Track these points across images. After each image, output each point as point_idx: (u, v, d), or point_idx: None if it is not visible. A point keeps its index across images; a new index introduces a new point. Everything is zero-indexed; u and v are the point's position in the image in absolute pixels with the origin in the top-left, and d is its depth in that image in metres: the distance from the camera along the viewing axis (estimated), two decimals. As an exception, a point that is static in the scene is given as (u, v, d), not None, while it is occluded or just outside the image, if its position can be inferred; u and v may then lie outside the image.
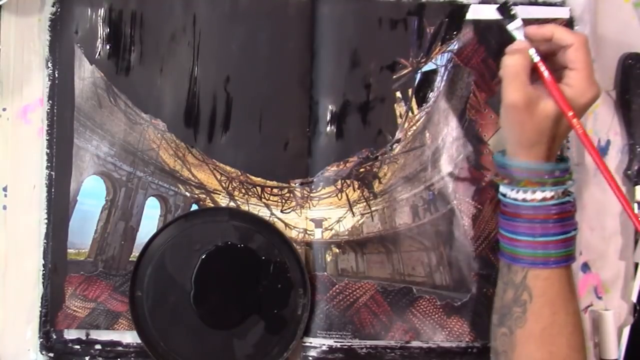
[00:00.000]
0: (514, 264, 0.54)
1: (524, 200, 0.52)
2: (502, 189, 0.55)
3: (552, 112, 0.51)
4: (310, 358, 0.62)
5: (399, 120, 0.63)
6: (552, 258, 0.52)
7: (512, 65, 0.52)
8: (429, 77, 0.63)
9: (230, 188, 0.63)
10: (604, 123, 0.65)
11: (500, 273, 0.56)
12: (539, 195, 0.52)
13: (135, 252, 0.62)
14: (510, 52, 0.53)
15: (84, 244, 0.62)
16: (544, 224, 0.52)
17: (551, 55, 0.54)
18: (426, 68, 0.63)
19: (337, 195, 0.63)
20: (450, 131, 0.63)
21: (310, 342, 0.62)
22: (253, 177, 0.63)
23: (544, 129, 0.51)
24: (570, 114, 0.50)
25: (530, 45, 0.53)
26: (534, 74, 0.52)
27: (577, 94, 0.51)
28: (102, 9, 0.62)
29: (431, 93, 0.63)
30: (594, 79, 0.52)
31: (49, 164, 0.62)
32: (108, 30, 0.62)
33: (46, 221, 0.62)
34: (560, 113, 0.51)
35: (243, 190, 0.63)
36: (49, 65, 0.62)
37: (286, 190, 0.63)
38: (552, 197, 0.52)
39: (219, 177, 0.63)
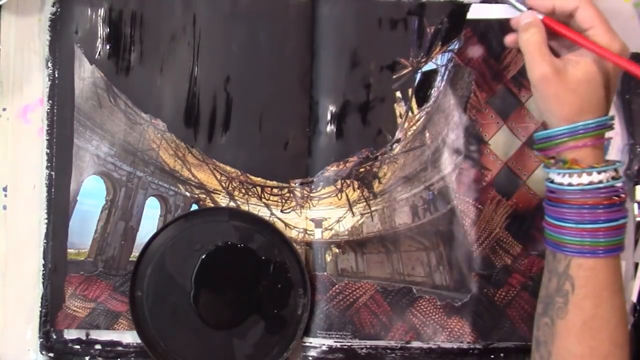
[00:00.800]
0: (558, 252, 0.51)
1: (570, 184, 0.50)
2: (549, 174, 0.52)
3: (584, 74, 0.49)
4: (310, 358, 0.62)
5: (399, 120, 0.63)
6: (601, 247, 0.49)
7: (531, 39, 0.51)
8: (429, 77, 0.63)
9: (230, 188, 0.63)
10: (604, 123, 0.65)
11: (546, 261, 0.53)
12: (585, 178, 0.49)
13: (135, 252, 0.62)
14: (524, 28, 0.52)
15: (84, 244, 0.62)
16: (593, 210, 0.49)
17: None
18: (426, 68, 0.63)
19: (337, 195, 0.63)
20: (450, 131, 0.63)
21: (310, 342, 0.62)
22: (253, 177, 0.63)
23: (582, 94, 0.49)
24: (611, 53, 0.48)
25: (540, 15, 0.52)
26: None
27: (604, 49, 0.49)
28: (102, 9, 0.62)
29: (431, 93, 0.63)
30: (614, 32, 0.49)
31: (49, 164, 0.62)
32: (108, 30, 0.62)
33: (46, 221, 0.62)
34: (591, 73, 0.49)
35: (243, 190, 0.63)
36: (49, 65, 0.62)
37: (286, 190, 0.63)
38: (600, 181, 0.49)
39: (219, 177, 0.63)
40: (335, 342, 0.62)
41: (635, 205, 0.64)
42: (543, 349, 0.52)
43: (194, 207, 0.63)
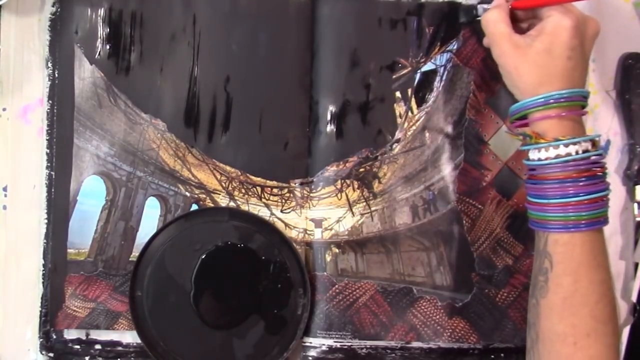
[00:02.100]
0: (540, 230, 0.51)
1: (540, 159, 0.50)
2: (528, 152, 0.52)
3: (543, 45, 0.50)
4: (310, 358, 0.62)
5: (399, 120, 0.63)
6: (584, 220, 0.49)
7: (490, 18, 0.53)
8: (428, 77, 0.63)
9: (230, 188, 0.63)
10: (603, 123, 0.65)
11: (535, 243, 0.53)
12: (552, 152, 0.49)
13: (135, 252, 0.62)
14: (486, 12, 0.54)
15: (84, 244, 0.62)
16: (575, 182, 0.49)
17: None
18: (426, 68, 0.63)
19: (337, 195, 0.63)
20: (450, 131, 0.63)
21: (310, 342, 0.62)
22: (253, 177, 0.63)
23: (541, 66, 0.50)
24: None
25: (504, 1, 0.54)
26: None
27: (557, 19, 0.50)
28: (102, 9, 0.62)
29: (431, 93, 0.63)
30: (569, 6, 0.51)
31: (49, 164, 0.62)
32: (108, 30, 0.63)
33: (46, 221, 0.62)
34: (551, 44, 0.50)
35: (243, 190, 0.63)
36: (49, 65, 0.62)
37: (286, 190, 0.63)
38: (568, 154, 0.49)
39: (219, 177, 0.63)
40: (335, 342, 0.62)
41: (635, 205, 0.64)
42: (532, 331, 0.52)
43: (194, 207, 0.63)
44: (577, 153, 0.49)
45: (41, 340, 0.62)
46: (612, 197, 0.50)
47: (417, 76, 0.63)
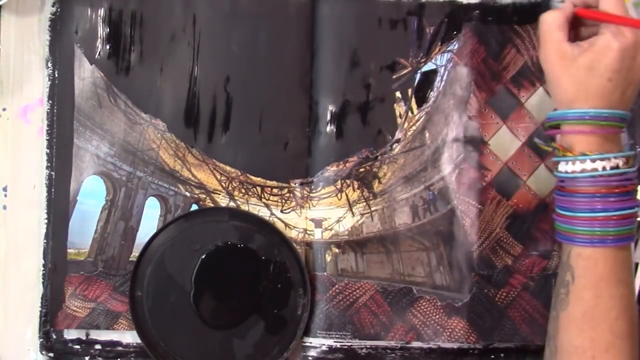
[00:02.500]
0: (565, 242, 0.51)
1: (566, 172, 0.50)
2: (558, 164, 0.52)
3: (587, 61, 0.50)
4: (310, 358, 0.62)
5: (399, 120, 0.63)
6: (611, 236, 0.49)
7: (547, 20, 0.52)
8: (428, 77, 0.63)
9: (230, 188, 0.63)
10: (604, 123, 0.65)
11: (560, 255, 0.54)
12: (579, 166, 0.49)
13: (135, 252, 0.62)
14: (549, 11, 0.53)
15: (84, 244, 0.62)
16: (604, 198, 0.49)
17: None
18: (426, 68, 0.63)
19: (337, 195, 0.63)
20: (450, 131, 0.63)
21: (310, 342, 0.62)
22: (253, 177, 0.63)
23: (581, 81, 0.50)
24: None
25: (571, 6, 0.53)
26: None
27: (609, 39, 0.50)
28: (102, 9, 0.62)
29: (431, 93, 0.63)
30: (629, 15, 0.50)
31: (49, 164, 0.62)
32: (108, 30, 0.63)
33: (46, 221, 0.62)
34: (596, 62, 0.49)
35: (243, 190, 0.63)
36: (49, 65, 0.62)
37: (286, 190, 0.63)
38: (594, 169, 0.49)
39: (219, 177, 0.63)
40: (335, 342, 0.62)
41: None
42: (551, 343, 0.52)
43: (194, 207, 0.63)
44: (604, 169, 0.49)
45: (41, 340, 0.62)
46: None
47: (418, 76, 0.63)
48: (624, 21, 0.49)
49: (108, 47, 0.63)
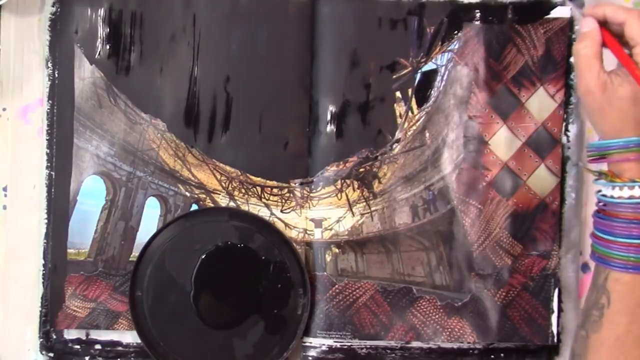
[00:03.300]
0: (600, 264, 0.51)
1: (612, 197, 0.50)
2: (602, 188, 0.52)
3: (630, 92, 0.49)
4: (310, 358, 0.62)
5: (399, 120, 0.63)
6: None
7: (582, 51, 0.51)
8: (429, 77, 0.63)
9: (230, 188, 0.63)
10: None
11: (593, 274, 0.54)
12: (627, 192, 0.49)
13: (135, 252, 0.62)
14: (579, 39, 0.52)
15: (84, 244, 0.62)
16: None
17: (622, 37, 0.52)
18: (426, 68, 0.63)
19: (336, 195, 0.63)
20: (450, 131, 0.63)
21: (310, 342, 0.62)
22: (253, 177, 0.63)
23: (626, 112, 0.50)
24: None
25: (598, 26, 0.51)
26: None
27: None
28: (102, 9, 0.62)
29: (431, 93, 0.63)
30: None
31: (49, 164, 0.62)
32: (108, 30, 0.62)
33: (46, 221, 0.62)
34: (638, 92, 0.49)
35: (243, 190, 0.63)
36: (49, 65, 0.62)
37: (286, 190, 0.63)
38: None
39: (218, 177, 0.63)
40: (335, 342, 0.62)
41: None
42: None
43: (194, 207, 0.63)
44: None
45: (41, 340, 0.62)
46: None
47: (418, 76, 0.63)
48: (634, 74, 0.49)
49: (108, 47, 0.63)
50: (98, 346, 0.62)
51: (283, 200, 0.63)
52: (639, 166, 0.50)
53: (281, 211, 0.63)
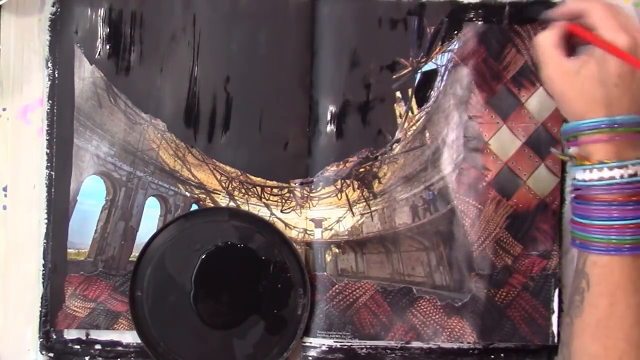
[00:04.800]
0: (580, 249, 0.51)
1: (584, 180, 0.50)
2: (575, 172, 0.52)
3: (591, 73, 0.50)
4: (310, 358, 0.62)
5: (399, 120, 0.63)
6: (627, 245, 0.49)
7: (541, 41, 0.53)
8: (429, 77, 0.63)
9: (230, 188, 0.63)
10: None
11: (575, 263, 0.54)
12: (596, 174, 0.49)
13: (135, 252, 0.62)
14: (541, 32, 0.54)
15: (84, 244, 0.62)
16: (622, 206, 0.49)
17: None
18: (426, 68, 0.63)
19: (336, 195, 0.63)
20: (450, 131, 0.63)
21: (310, 342, 0.62)
22: (253, 177, 0.63)
23: (589, 93, 0.50)
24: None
25: (555, 19, 0.54)
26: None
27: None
28: (102, 9, 0.62)
29: (431, 93, 0.63)
30: (620, 27, 0.50)
31: (49, 164, 0.62)
32: (108, 30, 0.62)
33: (46, 221, 0.62)
34: (600, 72, 0.50)
35: (243, 190, 0.63)
36: (49, 65, 0.62)
37: (286, 190, 0.63)
38: (611, 177, 0.49)
39: (218, 177, 0.63)
40: (335, 342, 0.62)
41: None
42: (565, 350, 0.52)
43: (194, 207, 0.63)
44: (622, 177, 0.49)
45: (41, 340, 0.62)
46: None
47: (418, 76, 0.63)
48: (609, 49, 0.50)
49: (108, 47, 0.63)
50: (98, 346, 0.62)
51: (283, 200, 0.63)
52: (606, 147, 0.50)
53: (281, 211, 0.63)
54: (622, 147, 0.50)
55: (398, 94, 0.63)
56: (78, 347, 0.62)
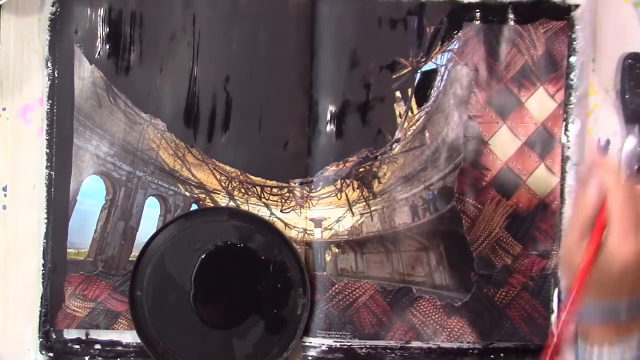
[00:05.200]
0: None
1: None
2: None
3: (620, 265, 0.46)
4: (310, 358, 0.62)
5: (399, 120, 0.63)
6: None
7: (577, 222, 0.48)
8: (429, 77, 0.63)
9: (230, 188, 0.63)
10: (603, 123, 0.65)
11: None
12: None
13: (135, 252, 0.62)
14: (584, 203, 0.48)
15: (84, 244, 0.62)
16: None
17: None
18: (426, 68, 0.63)
19: (336, 195, 0.63)
20: (450, 131, 0.63)
21: (310, 342, 0.62)
22: (253, 177, 0.63)
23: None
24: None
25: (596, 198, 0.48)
26: None
27: (611, 250, 0.45)
28: (102, 9, 0.62)
29: (431, 93, 0.63)
30: (629, 235, 0.45)
31: (49, 164, 0.62)
32: (108, 30, 0.62)
33: (46, 221, 0.62)
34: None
35: (243, 190, 0.63)
36: (49, 65, 0.62)
37: (286, 190, 0.63)
38: None
39: (218, 177, 0.63)
40: (335, 342, 0.62)
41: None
42: None
43: (194, 207, 0.63)
44: None
45: (41, 340, 0.62)
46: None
47: (418, 76, 0.63)
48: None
49: (108, 47, 0.63)
50: (98, 346, 0.62)
51: (283, 200, 0.63)
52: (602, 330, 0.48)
53: (281, 211, 0.63)
54: None
55: (398, 94, 0.63)
56: (78, 347, 0.62)
